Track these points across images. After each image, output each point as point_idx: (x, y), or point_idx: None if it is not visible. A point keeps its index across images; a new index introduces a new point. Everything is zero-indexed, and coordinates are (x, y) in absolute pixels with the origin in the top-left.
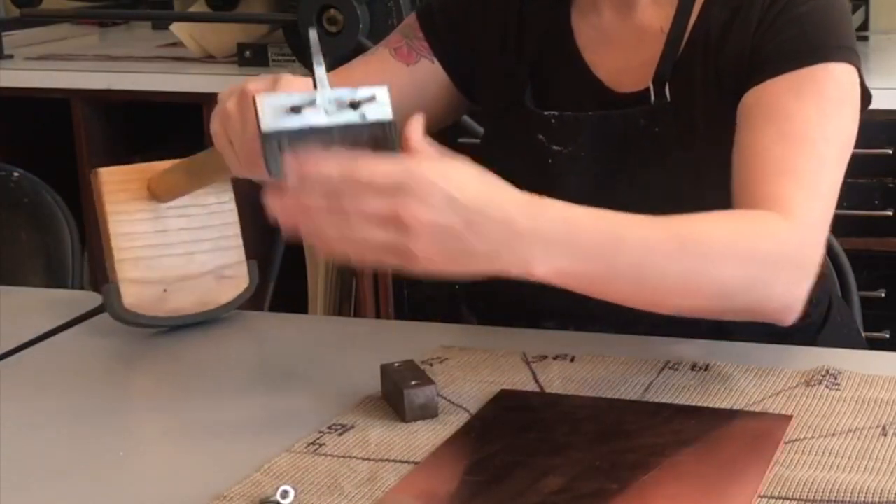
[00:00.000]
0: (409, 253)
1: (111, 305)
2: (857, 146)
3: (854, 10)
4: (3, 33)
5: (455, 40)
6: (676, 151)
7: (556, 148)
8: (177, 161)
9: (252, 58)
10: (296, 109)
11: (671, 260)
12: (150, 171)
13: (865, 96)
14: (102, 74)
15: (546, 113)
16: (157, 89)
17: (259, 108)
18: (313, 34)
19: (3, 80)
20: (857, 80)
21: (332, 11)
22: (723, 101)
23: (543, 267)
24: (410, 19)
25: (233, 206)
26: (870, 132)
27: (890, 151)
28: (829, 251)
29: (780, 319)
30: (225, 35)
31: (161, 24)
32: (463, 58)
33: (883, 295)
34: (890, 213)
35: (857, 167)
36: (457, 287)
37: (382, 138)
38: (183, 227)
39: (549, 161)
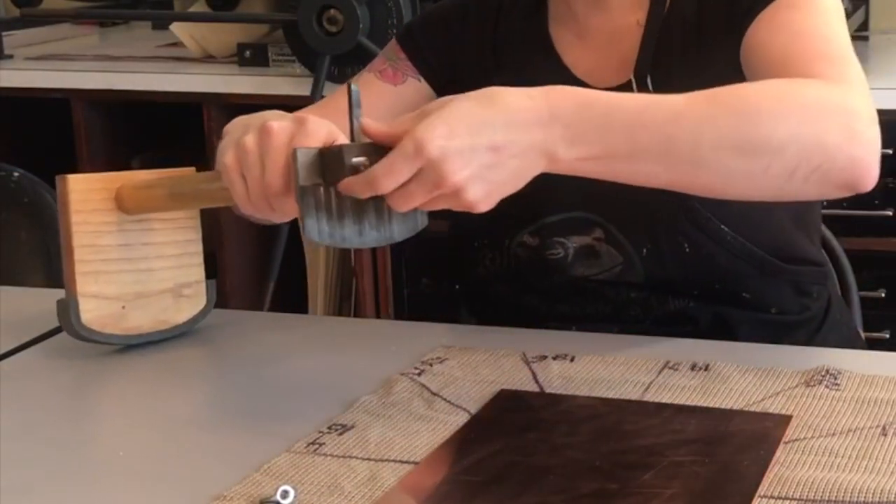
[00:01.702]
0: (468, 204)
1: (67, 321)
2: None
3: (854, 10)
4: (3, 33)
5: (438, 57)
6: None
7: None
8: (153, 175)
9: (252, 58)
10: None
11: (704, 122)
12: (118, 181)
13: None
14: (102, 74)
15: None
16: (157, 89)
17: (299, 162)
18: (355, 88)
19: (3, 80)
20: (843, 8)
21: (332, 11)
22: (704, 83)
23: (566, 153)
24: (391, 44)
25: (197, 222)
26: None
27: (890, 151)
28: (829, 251)
29: (851, 180)
30: (225, 35)
31: (161, 24)
32: (447, 74)
33: (883, 295)
34: (890, 213)
35: None
36: (457, 287)
37: None
38: (146, 242)
39: None
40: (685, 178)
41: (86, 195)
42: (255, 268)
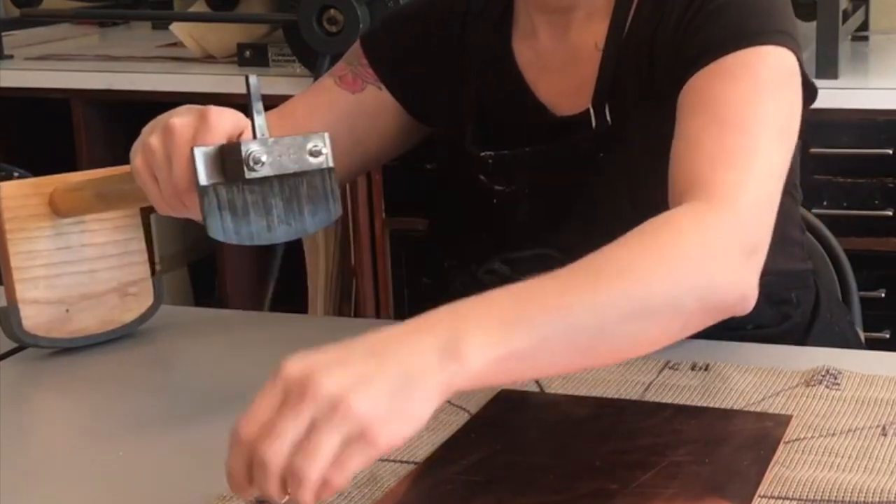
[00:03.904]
0: (365, 425)
1: (9, 328)
2: (856, 146)
3: (854, 10)
4: (3, 33)
5: (400, 65)
6: (619, 175)
7: (497, 188)
8: (84, 177)
9: (252, 58)
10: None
11: (600, 307)
12: (52, 185)
13: (810, 89)
14: (102, 74)
15: (483, 154)
16: (157, 89)
17: (197, 162)
18: (254, 80)
19: (3, 80)
20: (796, 66)
21: (332, 11)
22: (657, 112)
23: (465, 378)
24: (354, 47)
25: (138, 220)
26: (870, 132)
27: (890, 151)
28: (829, 251)
29: (736, 310)
30: (225, 35)
31: (161, 24)
32: (410, 83)
33: (883, 295)
34: (890, 213)
35: (857, 167)
36: (457, 287)
37: (321, 185)
38: (86, 243)
39: (494, 201)
40: (592, 360)
41: (19, 201)
42: (255, 268)
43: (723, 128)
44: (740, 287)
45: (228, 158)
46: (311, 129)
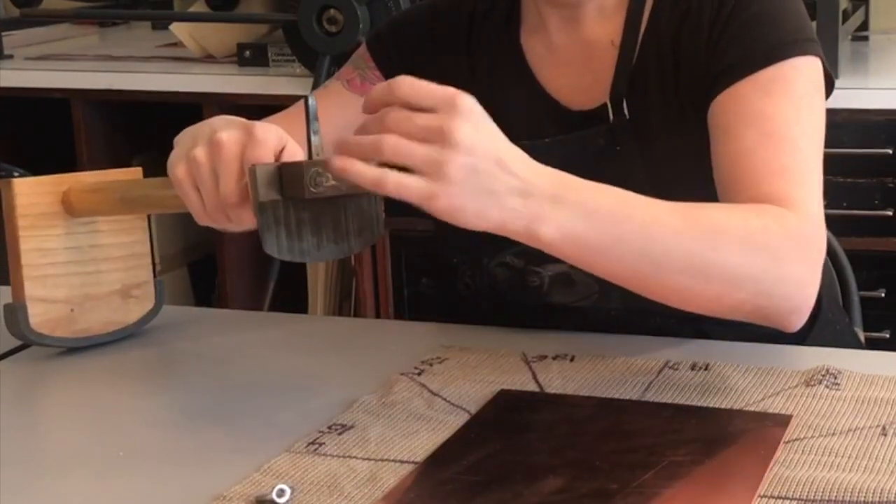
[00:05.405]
0: (440, 174)
1: (15, 325)
2: (856, 146)
3: (854, 10)
4: (3, 33)
5: (406, 67)
6: (638, 168)
7: None
8: (100, 178)
9: (252, 58)
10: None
11: (678, 236)
12: (65, 183)
13: (829, 82)
14: (102, 74)
15: None
16: (157, 89)
17: (258, 179)
18: (312, 102)
19: (3, 80)
20: (821, 70)
21: (332, 11)
22: (680, 109)
23: (550, 227)
24: (361, 50)
25: (144, 223)
26: (870, 132)
27: (890, 151)
28: (829, 251)
29: (786, 322)
30: (225, 35)
31: (161, 24)
32: None
33: (883, 295)
34: (890, 213)
35: (857, 167)
36: (465, 282)
37: (369, 207)
38: (94, 244)
39: None
40: (645, 282)
41: (32, 198)
42: (255, 268)
43: (775, 144)
44: (798, 300)
45: (289, 177)
46: (322, 132)
